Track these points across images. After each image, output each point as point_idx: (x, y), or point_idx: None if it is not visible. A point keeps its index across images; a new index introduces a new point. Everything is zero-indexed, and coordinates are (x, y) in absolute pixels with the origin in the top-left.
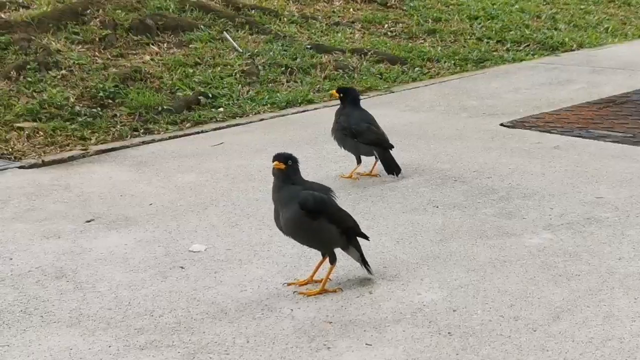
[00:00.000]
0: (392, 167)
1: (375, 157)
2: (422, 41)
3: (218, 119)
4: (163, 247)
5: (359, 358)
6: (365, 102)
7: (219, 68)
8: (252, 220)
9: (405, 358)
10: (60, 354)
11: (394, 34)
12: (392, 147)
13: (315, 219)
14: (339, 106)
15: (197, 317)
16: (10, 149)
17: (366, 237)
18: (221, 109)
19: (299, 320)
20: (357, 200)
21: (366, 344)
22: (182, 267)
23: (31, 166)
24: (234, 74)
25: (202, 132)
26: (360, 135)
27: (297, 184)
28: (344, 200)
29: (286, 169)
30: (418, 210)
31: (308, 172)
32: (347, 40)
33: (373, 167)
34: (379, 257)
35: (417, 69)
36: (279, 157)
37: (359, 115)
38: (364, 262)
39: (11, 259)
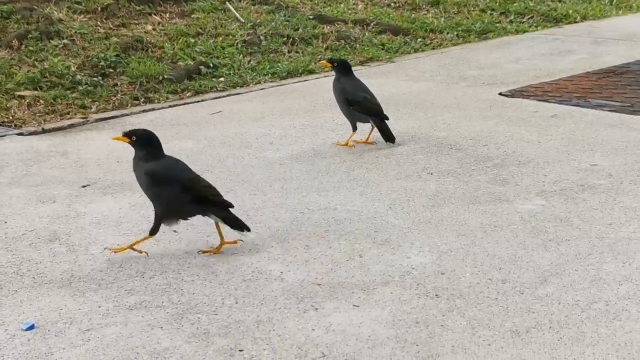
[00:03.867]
0: (389, 136)
1: (372, 125)
2: (426, 12)
3: (219, 89)
4: None
5: (346, 319)
6: (365, 72)
7: (220, 38)
8: (246, 186)
9: (391, 319)
10: (50, 314)
11: (397, 5)
12: (387, 118)
13: (159, 184)
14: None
15: (188, 279)
16: (11, 117)
17: (230, 205)
18: (222, 79)
19: (288, 282)
20: (351, 167)
21: (353, 306)
22: (175, 231)
23: (30, 134)
24: (235, 44)
25: (202, 101)
26: (358, 104)
27: (150, 159)
28: (339, 167)
29: (130, 142)
30: (412, 176)
31: (304, 140)
32: (349, 11)
33: (369, 135)
34: (370, 222)
35: (419, 40)
36: (127, 132)
37: (355, 85)
38: (233, 225)
39: (6, 222)
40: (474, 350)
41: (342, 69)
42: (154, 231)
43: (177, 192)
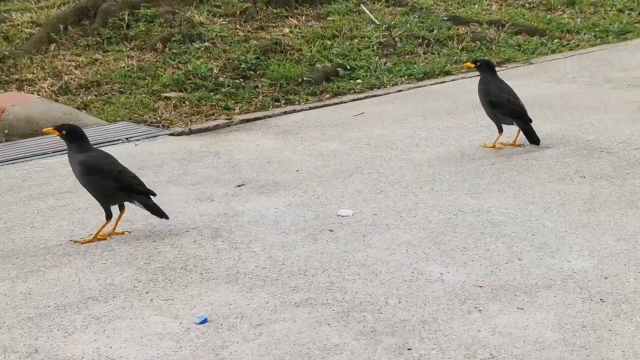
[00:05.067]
0: (534, 138)
1: (518, 128)
2: (561, 13)
3: (356, 90)
4: (312, 211)
5: (511, 321)
6: (504, 74)
7: (356, 40)
8: (396, 187)
9: (557, 322)
10: (221, 308)
11: (532, 5)
12: (531, 120)
13: (91, 174)
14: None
15: (349, 278)
16: (159, 118)
17: (152, 194)
18: (359, 80)
19: (449, 283)
20: (501, 169)
21: (517, 308)
22: (331, 230)
23: (179, 134)
24: (371, 46)
25: (341, 102)
26: (501, 106)
27: (81, 151)
28: (489, 170)
29: (60, 135)
30: (564, 180)
31: (450, 141)
32: (484, 12)
33: (516, 137)
34: (526, 225)
35: (556, 40)
36: (57, 126)
37: (499, 87)
38: (153, 211)
39: (168, 219)
40: None
41: (486, 69)
42: (107, 216)
43: (107, 181)
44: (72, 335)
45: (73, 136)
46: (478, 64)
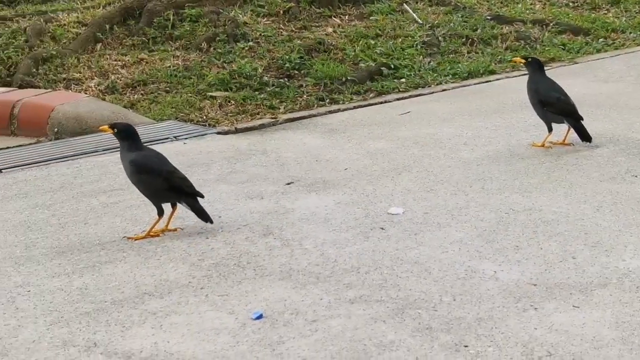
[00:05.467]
0: (586, 135)
1: (568, 126)
2: (606, 12)
3: (400, 89)
4: (362, 209)
5: (567, 319)
6: (550, 73)
7: (399, 39)
8: (446, 185)
9: (614, 321)
10: (276, 304)
11: (576, 4)
12: (582, 118)
13: (141, 173)
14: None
15: (402, 275)
16: (205, 117)
17: (201, 196)
18: (403, 80)
19: (503, 281)
20: (551, 168)
21: (573, 306)
22: (382, 228)
23: (226, 132)
24: (414, 45)
25: (385, 102)
26: (551, 105)
27: (133, 150)
28: (539, 169)
29: (113, 133)
30: (616, 179)
31: (498, 140)
32: (527, 11)
33: (566, 136)
34: (579, 224)
35: (601, 39)
36: (111, 125)
37: (549, 85)
38: (199, 214)
39: (220, 217)
40: None
41: (536, 66)
42: (159, 213)
43: (157, 180)
44: (129, 329)
45: (125, 135)
46: (529, 60)
